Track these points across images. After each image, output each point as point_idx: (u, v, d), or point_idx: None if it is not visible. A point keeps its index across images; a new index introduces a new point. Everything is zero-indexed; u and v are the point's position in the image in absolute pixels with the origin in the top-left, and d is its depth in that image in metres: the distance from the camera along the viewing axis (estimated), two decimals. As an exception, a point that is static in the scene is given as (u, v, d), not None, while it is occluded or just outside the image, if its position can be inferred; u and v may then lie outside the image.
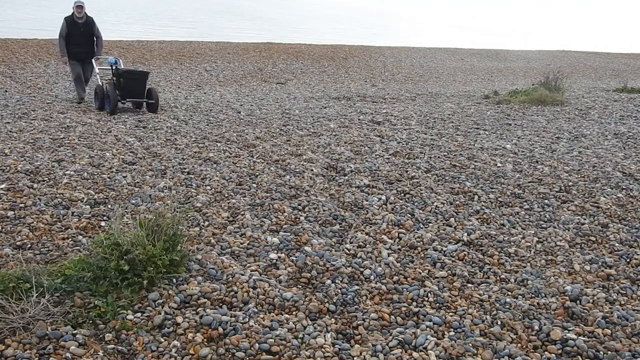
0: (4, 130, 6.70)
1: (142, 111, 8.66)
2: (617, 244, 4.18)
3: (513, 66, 22.29)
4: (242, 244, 3.84)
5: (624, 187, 5.52)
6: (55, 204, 4.40)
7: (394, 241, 4.08)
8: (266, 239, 3.90)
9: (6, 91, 10.29)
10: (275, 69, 16.87)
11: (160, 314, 2.89)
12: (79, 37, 9.11)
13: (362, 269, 3.56)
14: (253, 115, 8.67)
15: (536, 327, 2.98)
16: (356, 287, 3.30)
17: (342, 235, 4.12)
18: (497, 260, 3.84)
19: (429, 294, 3.29)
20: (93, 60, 9.31)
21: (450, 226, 4.39)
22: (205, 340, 2.73)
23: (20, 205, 4.33)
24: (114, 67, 8.75)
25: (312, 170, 5.67)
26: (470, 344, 2.81)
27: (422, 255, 3.87)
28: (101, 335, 2.71)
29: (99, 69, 9.23)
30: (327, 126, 7.98)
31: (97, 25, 9.39)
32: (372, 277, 3.47)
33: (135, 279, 3.04)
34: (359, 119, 8.64)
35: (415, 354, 2.72)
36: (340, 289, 3.28)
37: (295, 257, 3.64)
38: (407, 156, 6.45)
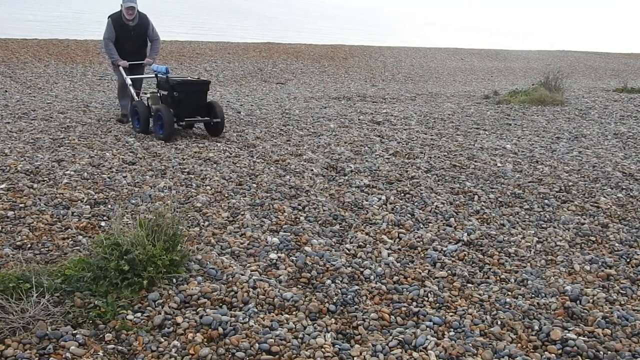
0: (4, 130, 6.70)
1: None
2: (617, 244, 4.18)
3: (513, 66, 22.28)
4: (242, 244, 3.84)
5: (624, 187, 5.52)
6: (55, 204, 4.41)
7: (394, 241, 4.08)
8: (266, 239, 3.90)
9: (6, 91, 10.29)
10: (275, 69, 16.86)
11: (160, 314, 2.89)
12: (129, 41, 7.39)
13: (362, 269, 3.56)
14: (253, 115, 8.67)
15: (536, 327, 2.98)
16: (356, 287, 3.30)
17: (342, 235, 4.12)
18: (497, 260, 3.84)
19: (429, 294, 3.29)
20: (145, 67, 7.66)
21: (450, 226, 4.39)
22: (205, 340, 2.73)
23: (20, 205, 4.33)
24: (164, 78, 6.86)
25: (312, 170, 5.67)
26: (470, 344, 2.81)
27: (422, 255, 3.88)
28: (101, 335, 2.71)
29: (130, 78, 7.36)
30: (327, 126, 7.98)
31: (153, 25, 7.55)
32: (372, 277, 3.47)
33: (135, 279, 3.04)
34: (359, 119, 8.64)
35: (415, 354, 2.72)
36: (340, 289, 3.28)
37: (295, 257, 3.64)
38: (407, 156, 6.45)
